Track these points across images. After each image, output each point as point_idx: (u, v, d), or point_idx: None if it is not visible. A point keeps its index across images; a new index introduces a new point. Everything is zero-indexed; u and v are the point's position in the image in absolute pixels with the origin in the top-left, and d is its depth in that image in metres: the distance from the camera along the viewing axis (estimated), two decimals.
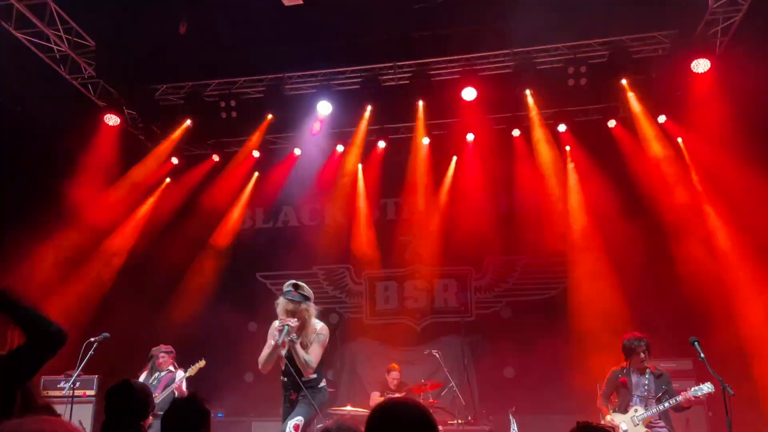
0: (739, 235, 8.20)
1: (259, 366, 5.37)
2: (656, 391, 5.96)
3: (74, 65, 8.60)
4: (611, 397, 6.25)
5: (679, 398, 5.73)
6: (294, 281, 5.41)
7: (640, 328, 6.45)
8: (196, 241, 10.37)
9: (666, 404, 5.81)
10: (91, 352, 6.19)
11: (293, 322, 5.16)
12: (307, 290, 5.38)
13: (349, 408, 7.58)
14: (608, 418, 6.04)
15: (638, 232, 8.88)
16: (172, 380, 6.94)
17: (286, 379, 5.40)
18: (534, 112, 9.13)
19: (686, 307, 8.21)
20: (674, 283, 8.49)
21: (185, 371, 7.02)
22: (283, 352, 5.29)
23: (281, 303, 5.30)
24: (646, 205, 8.92)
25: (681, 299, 8.30)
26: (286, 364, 5.33)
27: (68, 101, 8.96)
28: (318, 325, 5.39)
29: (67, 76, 8.65)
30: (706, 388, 5.56)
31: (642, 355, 5.96)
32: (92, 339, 6.25)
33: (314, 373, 5.38)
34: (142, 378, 7.09)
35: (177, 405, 3.40)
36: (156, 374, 7.09)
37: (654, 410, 5.86)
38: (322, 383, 5.52)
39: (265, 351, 5.32)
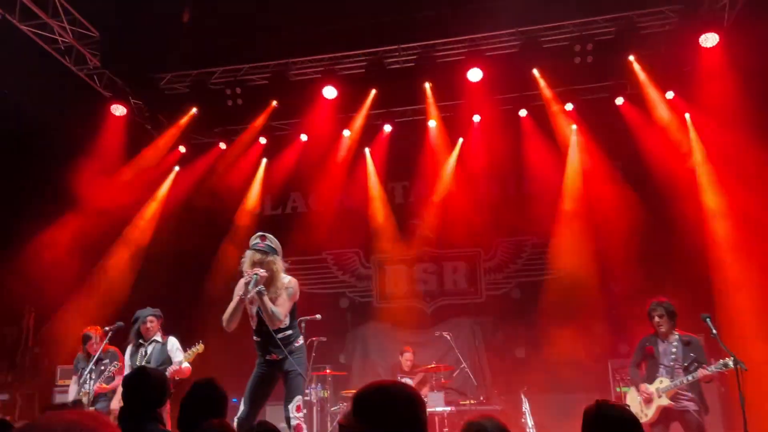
0: (751, 213, 8.13)
1: (223, 324, 5.04)
2: (684, 359, 5.62)
3: (79, 56, 8.59)
4: (641, 366, 5.99)
5: (697, 374, 5.44)
6: (261, 233, 5.16)
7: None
8: (211, 229, 10.40)
9: (690, 377, 5.48)
10: (105, 341, 6.25)
11: (262, 272, 4.89)
12: (275, 242, 5.12)
13: None
14: (642, 387, 5.76)
15: (647, 209, 8.86)
16: (163, 352, 6.25)
17: (259, 338, 5.12)
18: (545, 91, 9.08)
19: (697, 284, 8.19)
20: (685, 260, 8.48)
21: (177, 339, 6.39)
22: (253, 309, 5.04)
23: (248, 255, 5.04)
24: (654, 183, 8.87)
25: (691, 277, 8.29)
26: (257, 323, 5.07)
27: (74, 92, 8.98)
28: (286, 279, 5.12)
29: (73, 68, 8.65)
30: (731, 363, 5.16)
31: (656, 319, 5.71)
32: (107, 328, 6.29)
33: (289, 328, 5.11)
34: (128, 355, 6.38)
35: (196, 389, 3.44)
36: (143, 348, 6.30)
37: (678, 382, 5.55)
38: (300, 341, 5.26)
39: (230, 306, 5.02)
